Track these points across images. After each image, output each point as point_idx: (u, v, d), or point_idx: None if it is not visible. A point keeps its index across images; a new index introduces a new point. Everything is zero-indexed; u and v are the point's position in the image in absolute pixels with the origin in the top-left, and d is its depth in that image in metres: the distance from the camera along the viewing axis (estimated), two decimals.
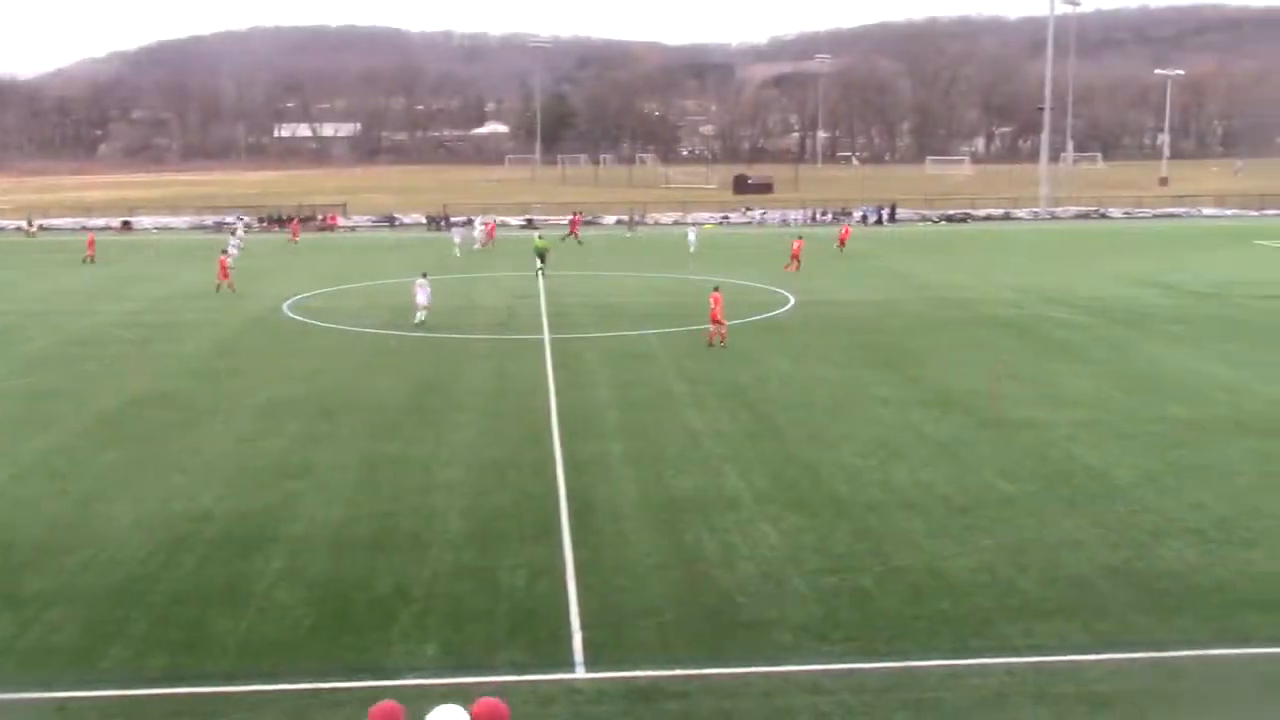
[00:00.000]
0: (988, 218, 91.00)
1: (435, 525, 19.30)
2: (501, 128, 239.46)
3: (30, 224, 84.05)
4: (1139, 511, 19.71)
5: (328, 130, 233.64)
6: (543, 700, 13.47)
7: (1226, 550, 17.91)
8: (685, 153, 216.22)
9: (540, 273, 53.33)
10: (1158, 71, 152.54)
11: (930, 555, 17.78)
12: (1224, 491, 20.74)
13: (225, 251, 50.87)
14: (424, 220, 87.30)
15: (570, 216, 75.82)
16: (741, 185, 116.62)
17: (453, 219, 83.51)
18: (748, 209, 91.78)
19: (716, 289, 35.73)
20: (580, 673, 14.17)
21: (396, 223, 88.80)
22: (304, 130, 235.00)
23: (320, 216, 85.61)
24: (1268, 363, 32.11)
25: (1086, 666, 14.13)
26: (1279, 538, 18.41)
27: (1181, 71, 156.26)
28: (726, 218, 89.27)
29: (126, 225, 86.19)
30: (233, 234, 67.77)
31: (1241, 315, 40.72)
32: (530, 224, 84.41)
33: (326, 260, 61.47)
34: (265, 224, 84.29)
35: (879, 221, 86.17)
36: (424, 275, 41.15)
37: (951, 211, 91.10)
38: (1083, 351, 34.13)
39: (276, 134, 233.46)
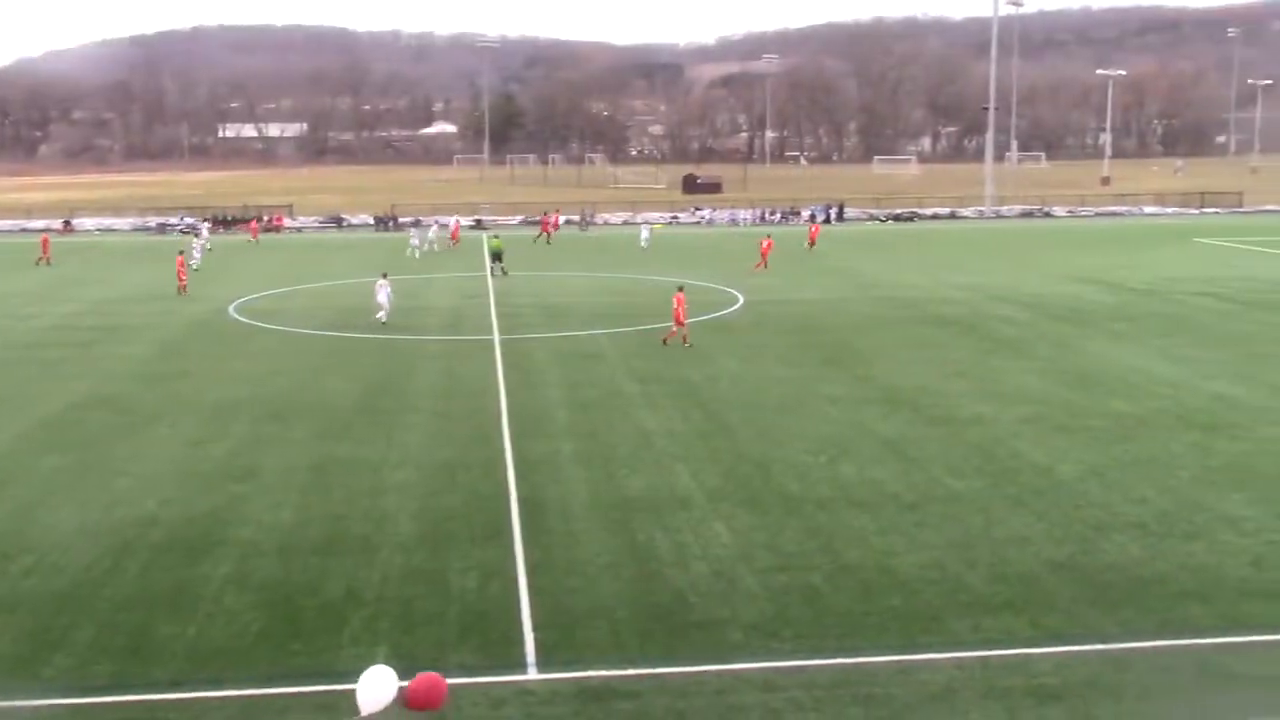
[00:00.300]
0: (934, 217, 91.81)
1: (386, 528, 19.18)
2: (450, 128, 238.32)
3: None
4: (1083, 506, 19.98)
5: (273, 130, 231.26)
6: (494, 702, 13.43)
7: (1168, 543, 18.21)
8: (634, 153, 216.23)
9: (498, 272, 53.30)
10: (1099, 72, 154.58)
11: (880, 552, 17.93)
12: (1166, 485, 21.08)
13: (183, 253, 50.09)
14: (372, 221, 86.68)
15: (542, 216, 76.70)
16: (690, 185, 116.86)
17: (417, 219, 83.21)
18: (697, 209, 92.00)
19: (680, 289, 35.84)
20: (532, 674, 14.15)
21: (344, 223, 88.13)
22: (249, 130, 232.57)
23: (266, 217, 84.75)
24: (1207, 358, 32.66)
25: (1034, 660, 14.31)
26: (1219, 531, 18.75)
27: (1123, 72, 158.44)
28: (676, 218, 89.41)
29: (68, 227, 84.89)
30: (196, 236, 66.67)
31: (1182, 312, 41.38)
32: (479, 224, 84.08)
33: (273, 262, 60.86)
34: (212, 225, 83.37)
35: (827, 221, 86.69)
36: (384, 275, 41.00)
37: (899, 211, 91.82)
38: (1027, 349, 34.54)
39: (221, 134, 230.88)
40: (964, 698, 13.41)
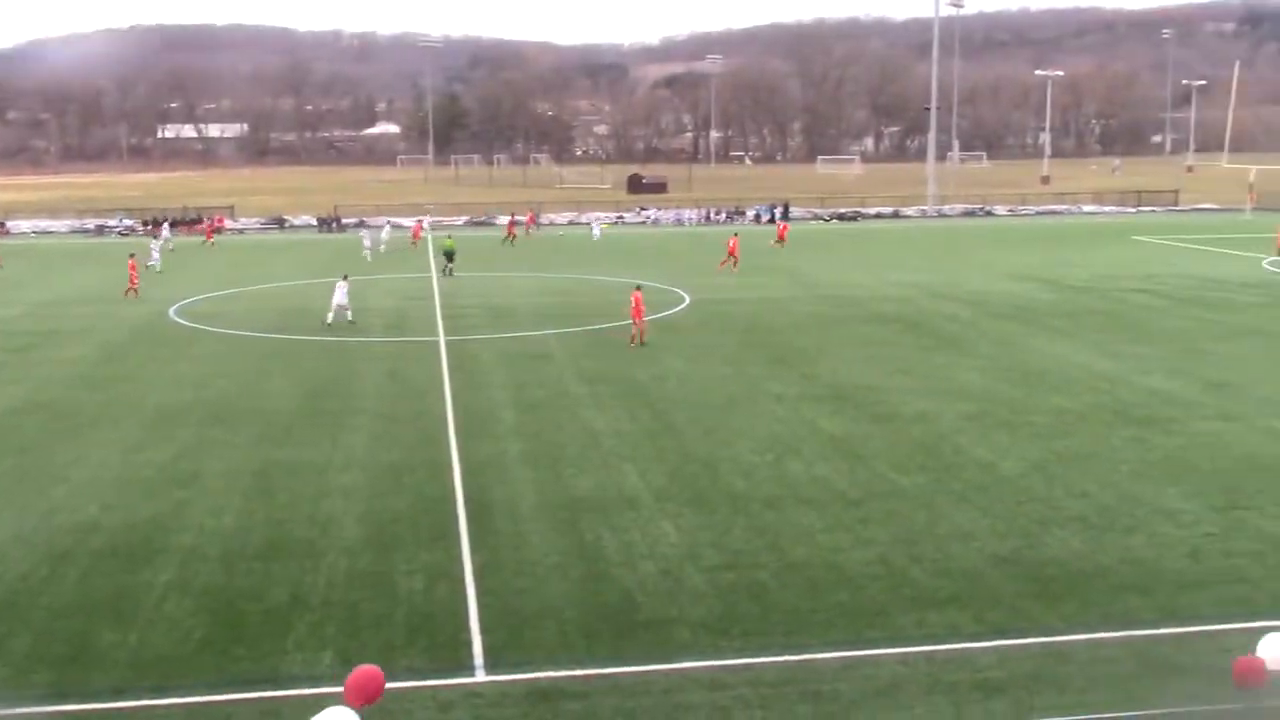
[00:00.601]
0: (878, 216, 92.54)
1: (330, 531, 19.03)
2: (393, 128, 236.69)
3: None
4: (1026, 501, 20.24)
5: (214, 131, 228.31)
6: (443, 705, 13.37)
7: (1109, 537, 18.49)
8: (579, 153, 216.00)
9: (449, 272, 53.19)
10: (1038, 72, 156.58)
11: (826, 549, 18.05)
12: (1106, 480, 21.41)
13: (134, 255, 49.25)
14: (315, 222, 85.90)
15: (526, 215, 77.47)
16: (636, 185, 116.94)
17: (361, 220, 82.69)
18: (642, 209, 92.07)
19: (638, 288, 35.87)
20: (480, 676, 14.10)
21: (286, 224, 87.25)
22: (189, 131, 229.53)
23: (209, 219, 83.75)
24: (1144, 354, 33.20)
25: (978, 654, 14.48)
26: (1157, 524, 19.07)
27: (1061, 73, 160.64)
28: (621, 218, 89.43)
29: (2, 229, 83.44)
30: (154, 238, 65.47)
31: (1119, 309, 42.03)
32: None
33: (215, 264, 60.11)
34: (149, 227, 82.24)
35: (771, 220, 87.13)
36: (345, 277, 40.89)
37: (843, 210, 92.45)
38: (970, 346, 34.92)
39: (160, 135, 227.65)
40: (910, 692, 13.54)
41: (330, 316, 39.26)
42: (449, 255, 54.37)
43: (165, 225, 77.29)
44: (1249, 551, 17.82)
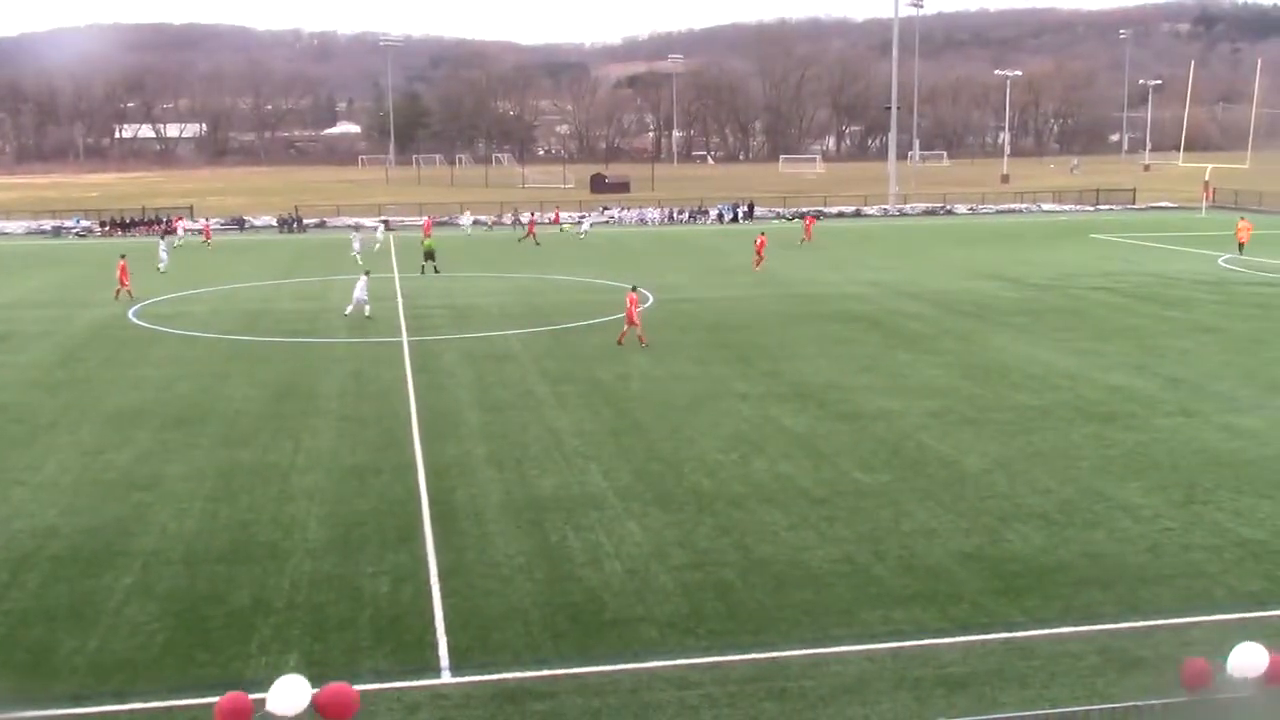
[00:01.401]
0: (839, 215, 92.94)
1: (294, 534, 18.91)
2: (354, 128, 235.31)
3: None
4: (989, 498, 20.40)
5: (172, 131, 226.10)
6: (409, 708, 13.32)
7: (1070, 532, 18.68)
8: (541, 152, 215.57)
9: (431, 271, 53.13)
10: (997, 72, 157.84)
11: (791, 547, 18.13)
12: (1067, 476, 21.62)
13: (124, 256, 48.59)
14: (275, 222, 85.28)
15: (528, 217, 77.46)
16: (599, 184, 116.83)
17: (358, 222, 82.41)
18: (605, 208, 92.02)
19: (633, 289, 35.86)
20: (446, 678, 14.06)
21: (247, 225, 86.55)
22: (147, 131, 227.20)
23: (165, 219, 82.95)
24: (1104, 351, 33.53)
25: (942, 650, 14.58)
26: (1118, 519, 19.28)
27: (1019, 72, 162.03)
28: (584, 217, 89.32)
29: None
30: (161, 237, 64.49)
31: (1080, 306, 42.43)
32: (387, 225, 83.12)
33: (173, 265, 59.49)
34: (107, 228, 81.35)
35: (735, 219, 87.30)
36: (366, 273, 42.41)
37: (805, 209, 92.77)
38: (933, 344, 35.14)
39: (117, 135, 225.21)
40: (875, 688, 13.61)
41: (349, 309, 40.34)
42: (430, 255, 54.64)
43: (180, 224, 76.97)
44: (1207, 546, 18.05)
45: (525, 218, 77.44)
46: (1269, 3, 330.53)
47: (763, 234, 58.55)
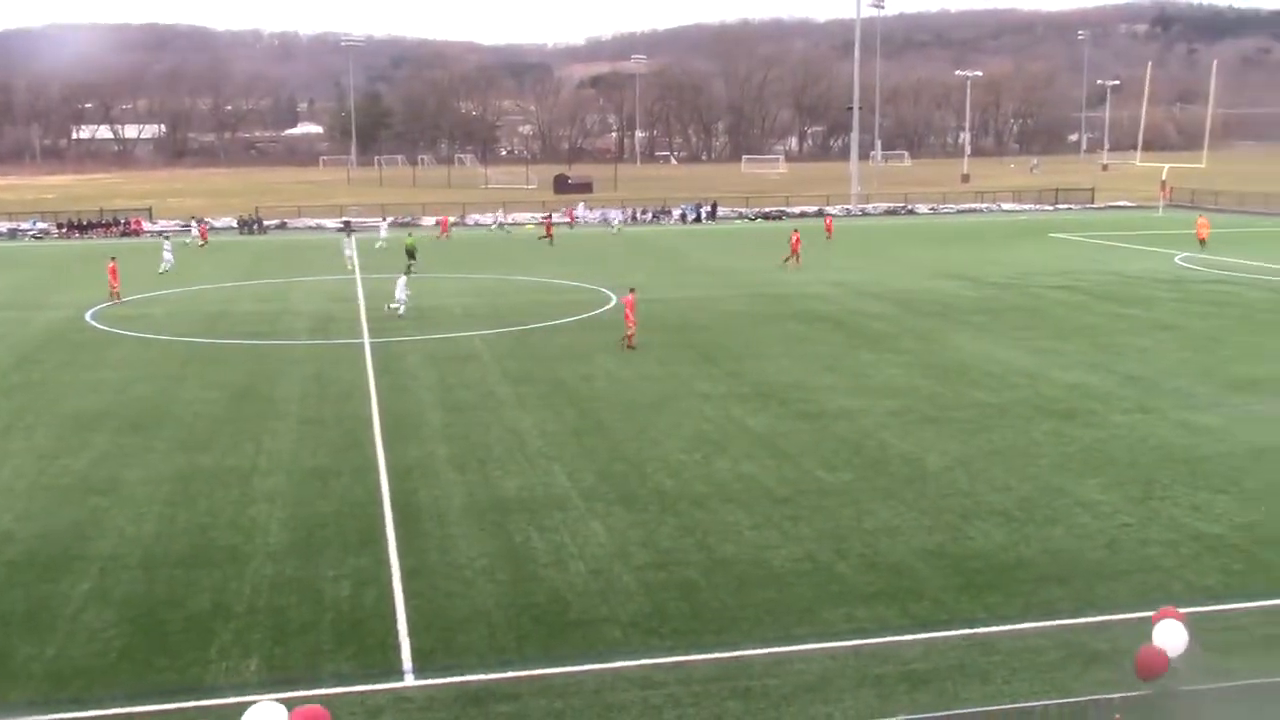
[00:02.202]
0: (802, 214, 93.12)
1: (255, 538, 18.76)
2: (315, 128, 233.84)
3: None
4: (950, 495, 20.54)
5: (130, 132, 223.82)
6: (371, 711, 13.25)
7: (1030, 529, 18.83)
8: (504, 153, 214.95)
9: (413, 270, 52.82)
10: (958, 73, 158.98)
11: (754, 546, 18.17)
12: (1027, 473, 21.79)
13: (115, 259, 47.92)
14: (235, 224, 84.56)
15: (542, 217, 78.76)
16: (562, 185, 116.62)
17: (347, 221, 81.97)
18: (569, 209, 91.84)
19: (632, 291, 35.83)
20: (409, 681, 14.00)
21: (190, 228, 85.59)
22: (105, 132, 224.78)
23: (124, 221, 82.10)
24: (1063, 349, 33.83)
25: (904, 647, 14.66)
26: (1077, 515, 19.45)
27: (980, 73, 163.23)
28: (548, 217, 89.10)
29: None
30: (166, 238, 63.50)
31: (1039, 305, 42.78)
32: (347, 226, 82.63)
33: (131, 267, 58.87)
34: (64, 230, 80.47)
35: (698, 219, 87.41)
36: (408, 270, 44.74)
37: (768, 209, 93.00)
38: (894, 343, 35.33)
39: (75, 136, 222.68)
40: (838, 686, 13.67)
41: (400, 308, 41.12)
42: (410, 253, 55.25)
43: (194, 223, 76.22)
44: (1164, 541, 18.25)
45: (559, 216, 79.64)
46: (1224, 4, 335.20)
47: (796, 230, 60.06)
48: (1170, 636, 12.65)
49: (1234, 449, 23.30)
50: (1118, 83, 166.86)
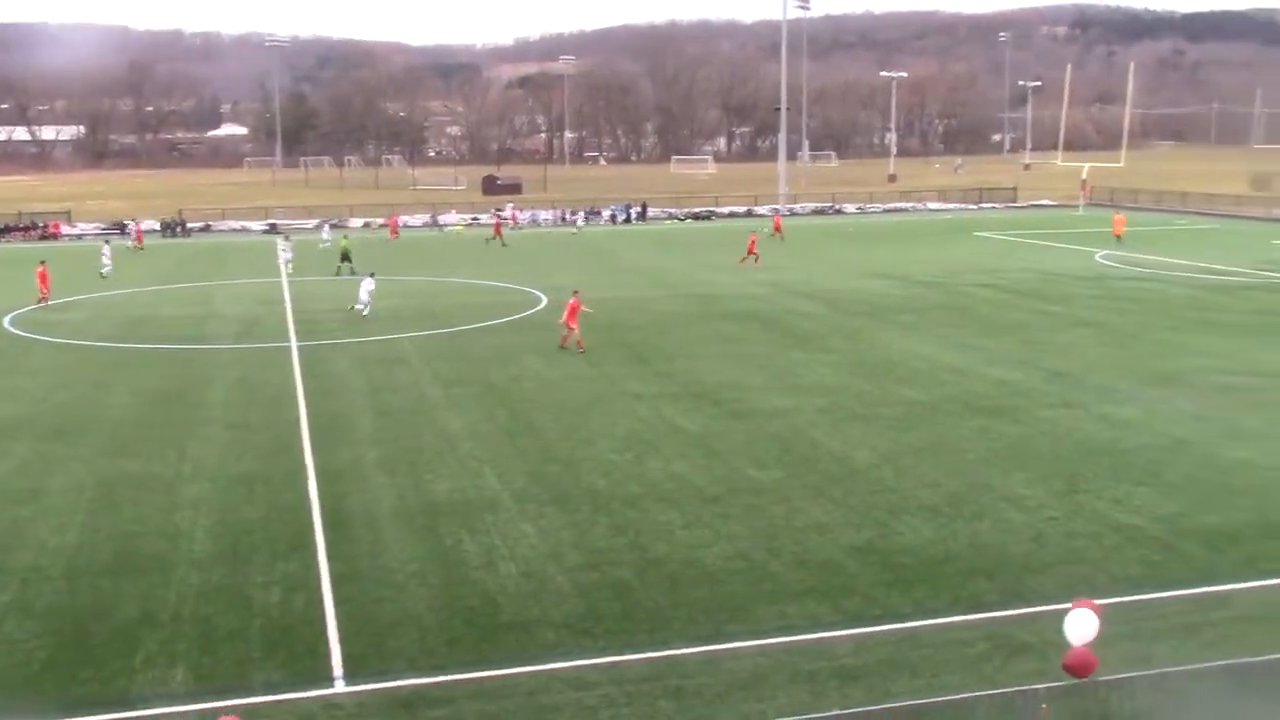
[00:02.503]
0: (731, 215, 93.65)
1: (181, 545, 18.47)
2: (239, 129, 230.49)
3: None
4: (879, 492, 20.77)
5: (48, 133, 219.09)
6: (302, 718, 13.10)
7: (958, 524, 19.10)
8: (433, 154, 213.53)
9: (347, 272, 52.31)
10: (883, 74, 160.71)
11: (687, 545, 18.24)
12: (955, 468, 22.09)
13: (44, 262, 46.64)
14: (158, 226, 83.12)
15: (496, 217, 78.32)
16: (490, 186, 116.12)
17: (322, 221, 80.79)
18: (498, 210, 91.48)
19: (576, 293, 35.54)
20: (340, 687, 13.87)
21: (128, 230, 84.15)
22: (21, 133, 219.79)
23: (42, 224, 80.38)
24: (989, 346, 34.35)
25: (836, 643, 14.80)
26: (1004, 510, 19.77)
27: (904, 74, 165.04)
28: (476, 219, 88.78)
29: None
30: (105, 241, 61.84)
31: (965, 303, 43.39)
32: (274, 228, 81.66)
33: (51, 271, 57.65)
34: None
35: (628, 220, 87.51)
36: (371, 274, 43.23)
37: (697, 209, 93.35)
38: (823, 341, 35.64)
39: None
40: (771, 683, 13.76)
41: (365, 309, 40.97)
42: (345, 255, 54.83)
43: (131, 225, 74.80)
44: (1088, 533, 18.60)
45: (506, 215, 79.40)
46: (1141, 7, 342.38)
47: (754, 232, 60.57)
48: (1081, 626, 12.90)
49: (1154, 442, 23.83)
50: (1039, 84, 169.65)
